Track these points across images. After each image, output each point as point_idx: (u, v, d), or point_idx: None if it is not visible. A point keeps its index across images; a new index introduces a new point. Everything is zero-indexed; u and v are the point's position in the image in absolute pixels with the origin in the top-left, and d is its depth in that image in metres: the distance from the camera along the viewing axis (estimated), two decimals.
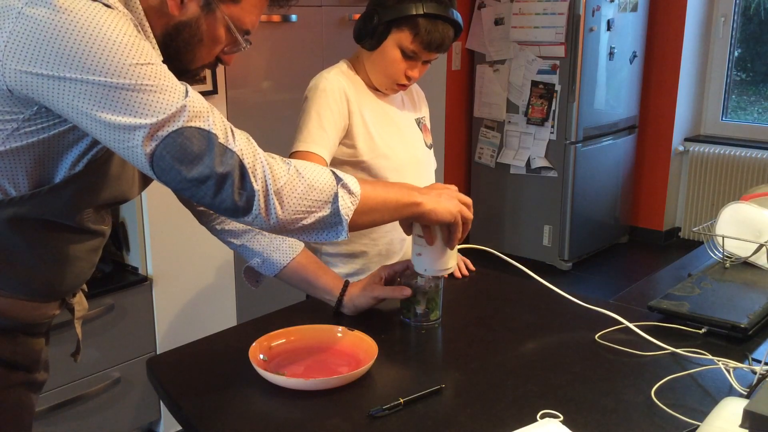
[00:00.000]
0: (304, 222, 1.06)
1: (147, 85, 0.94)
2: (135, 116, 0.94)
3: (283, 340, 1.30)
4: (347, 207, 1.08)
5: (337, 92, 1.62)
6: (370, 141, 1.67)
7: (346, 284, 1.45)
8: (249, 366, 1.20)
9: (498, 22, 4.32)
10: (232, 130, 1.01)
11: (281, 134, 2.87)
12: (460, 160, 4.71)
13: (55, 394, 2.26)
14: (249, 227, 1.39)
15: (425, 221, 1.27)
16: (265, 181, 1.01)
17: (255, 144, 1.03)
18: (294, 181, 1.04)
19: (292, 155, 1.61)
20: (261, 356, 1.25)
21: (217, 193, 0.99)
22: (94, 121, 0.95)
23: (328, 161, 1.61)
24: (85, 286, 1.31)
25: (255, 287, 1.51)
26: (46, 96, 0.94)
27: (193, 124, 0.97)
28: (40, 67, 0.91)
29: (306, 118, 1.62)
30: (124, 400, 2.48)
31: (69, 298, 1.23)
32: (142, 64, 0.94)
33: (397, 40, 1.60)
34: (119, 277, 2.49)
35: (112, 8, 0.95)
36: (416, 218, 1.24)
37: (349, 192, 1.09)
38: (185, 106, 0.96)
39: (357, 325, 1.35)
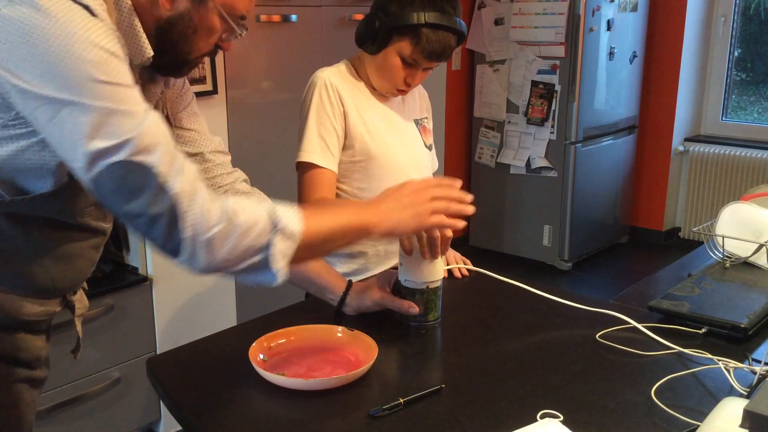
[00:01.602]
0: (236, 268, 1.03)
1: (102, 107, 0.91)
2: (82, 136, 0.91)
3: (283, 340, 1.30)
4: (282, 253, 1.03)
5: (332, 93, 1.63)
6: (369, 141, 1.67)
7: (350, 284, 1.45)
8: (249, 366, 1.20)
9: (498, 22, 4.32)
10: (180, 168, 0.97)
11: (281, 134, 2.88)
12: (460, 160, 4.71)
13: (55, 394, 2.26)
14: None
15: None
16: (195, 229, 0.97)
17: (199, 186, 0.99)
18: (227, 229, 0.99)
19: (298, 165, 1.63)
20: (261, 356, 1.25)
21: (147, 231, 0.97)
22: (45, 129, 0.94)
23: (335, 169, 1.63)
24: (85, 284, 1.31)
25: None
26: (10, 97, 0.93)
27: (136, 158, 0.93)
28: (6, 65, 0.90)
29: (304, 125, 1.64)
30: (124, 400, 2.48)
31: (70, 295, 1.23)
32: (104, 83, 0.91)
33: (398, 47, 1.59)
34: (119, 277, 2.49)
35: (96, 16, 0.93)
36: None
37: (287, 235, 1.04)
38: (133, 138, 0.93)
39: (357, 325, 1.35)
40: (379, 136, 1.68)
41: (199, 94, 2.56)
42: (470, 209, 1.24)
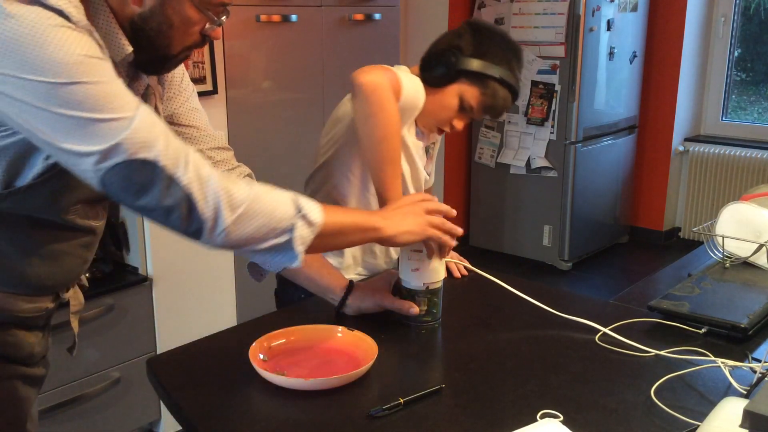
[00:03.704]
0: (258, 247, 1.07)
1: (77, 116, 0.91)
2: (79, 143, 0.92)
3: (283, 340, 1.30)
4: (303, 237, 1.09)
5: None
6: None
7: (351, 285, 1.45)
8: (249, 366, 1.20)
9: (498, 22, 4.32)
10: (185, 158, 0.98)
11: (281, 134, 2.88)
12: (460, 160, 4.71)
13: (55, 394, 2.26)
14: None
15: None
16: (217, 210, 1.00)
17: (209, 171, 1.01)
18: (252, 208, 1.03)
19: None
20: (261, 356, 1.25)
21: (165, 221, 1.00)
22: (39, 140, 0.94)
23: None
24: (85, 281, 1.31)
25: (260, 281, 1.51)
26: None
27: (138, 155, 0.94)
28: None
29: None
30: (124, 400, 2.48)
31: (62, 292, 1.23)
32: (83, 84, 0.91)
33: (462, 89, 1.57)
34: (119, 277, 2.49)
35: (70, 19, 0.91)
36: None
37: (308, 222, 1.09)
38: (125, 139, 0.93)
39: (357, 325, 1.35)
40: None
41: (199, 94, 2.54)
42: (460, 230, 1.35)
